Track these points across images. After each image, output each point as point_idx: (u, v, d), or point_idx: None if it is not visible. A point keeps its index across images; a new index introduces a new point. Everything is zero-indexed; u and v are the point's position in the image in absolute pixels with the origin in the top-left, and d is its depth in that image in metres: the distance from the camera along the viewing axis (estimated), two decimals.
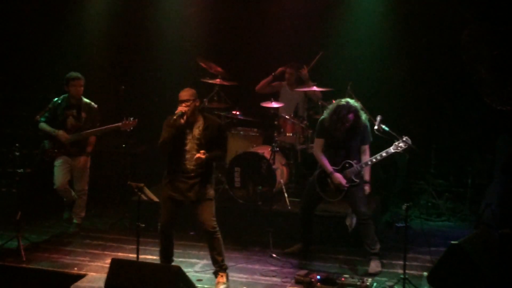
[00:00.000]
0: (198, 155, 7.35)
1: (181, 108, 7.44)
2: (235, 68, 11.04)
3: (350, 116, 7.96)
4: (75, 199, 9.32)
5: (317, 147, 8.31)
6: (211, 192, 7.67)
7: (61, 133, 9.03)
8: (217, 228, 7.63)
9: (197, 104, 7.61)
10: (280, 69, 10.53)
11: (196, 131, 7.56)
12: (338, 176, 8.08)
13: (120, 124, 9.07)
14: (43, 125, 9.12)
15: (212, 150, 7.46)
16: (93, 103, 9.23)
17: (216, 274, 7.67)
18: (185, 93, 7.54)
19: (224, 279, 7.62)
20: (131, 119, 9.08)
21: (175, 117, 7.38)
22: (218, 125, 7.71)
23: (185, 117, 7.44)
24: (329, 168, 8.14)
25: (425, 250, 8.64)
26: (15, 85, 11.70)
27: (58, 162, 9.15)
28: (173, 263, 7.81)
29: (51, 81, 11.24)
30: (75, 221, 9.38)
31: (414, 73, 10.75)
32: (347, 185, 8.06)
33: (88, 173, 9.37)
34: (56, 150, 9.11)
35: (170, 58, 11.50)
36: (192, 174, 7.53)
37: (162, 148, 7.57)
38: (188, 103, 7.47)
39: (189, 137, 7.55)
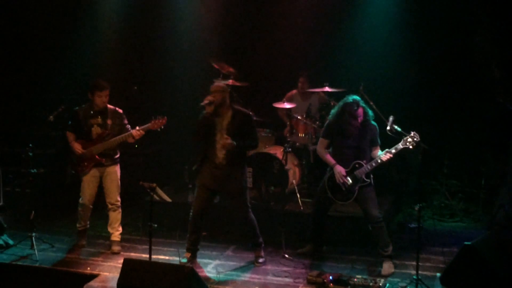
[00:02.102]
0: (224, 139, 7.81)
1: (209, 97, 7.88)
2: (247, 68, 11.05)
3: (360, 111, 7.97)
4: (87, 228, 9.01)
5: (320, 145, 8.33)
6: (244, 182, 8.15)
7: (76, 146, 8.69)
8: (252, 217, 8.23)
9: (227, 96, 8.00)
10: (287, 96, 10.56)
11: (225, 122, 7.96)
12: (339, 168, 8.09)
13: (150, 124, 8.55)
14: (67, 134, 8.83)
15: (241, 139, 7.89)
16: (117, 109, 8.81)
17: (254, 249, 8.47)
18: (215, 86, 8.05)
19: (260, 253, 8.41)
20: (160, 117, 8.55)
21: (203, 103, 7.85)
22: (245, 115, 8.12)
23: (212, 106, 7.85)
24: (332, 160, 8.16)
25: (438, 251, 8.62)
26: (28, 86, 11.75)
27: (86, 177, 8.72)
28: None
29: (64, 82, 11.30)
30: (114, 238, 8.86)
31: (426, 73, 10.72)
32: (346, 180, 8.06)
33: (119, 184, 8.83)
34: (85, 163, 8.70)
35: (183, 59, 11.50)
36: (224, 163, 7.94)
37: (195, 139, 8.21)
38: (217, 95, 7.89)
39: (219, 127, 7.95)
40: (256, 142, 8.26)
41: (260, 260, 8.33)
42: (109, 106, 8.76)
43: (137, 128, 8.60)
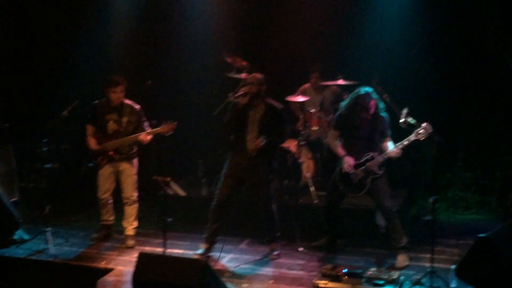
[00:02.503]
0: (257, 142, 7.88)
1: (245, 89, 7.99)
2: (260, 62, 11.02)
3: (372, 103, 7.95)
4: (111, 225, 9.03)
5: (331, 137, 8.33)
6: (269, 175, 8.18)
7: (91, 141, 8.70)
8: (275, 210, 8.24)
9: (263, 88, 8.06)
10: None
11: (257, 115, 8.03)
12: (348, 158, 8.08)
13: (159, 128, 8.57)
14: (86, 127, 8.82)
15: (272, 134, 7.96)
16: (135, 105, 8.77)
17: (269, 242, 8.46)
18: (252, 76, 8.12)
19: (276, 246, 8.42)
20: (170, 122, 8.55)
21: (238, 94, 7.99)
22: (277, 111, 8.16)
23: (247, 97, 7.94)
24: (342, 152, 8.15)
25: (453, 243, 8.59)
26: (42, 81, 11.78)
27: (102, 171, 8.75)
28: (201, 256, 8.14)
29: (78, 77, 11.32)
30: (129, 233, 8.89)
31: (441, 65, 10.65)
32: (352, 168, 8.06)
33: (135, 179, 8.83)
34: (100, 158, 8.72)
35: (196, 53, 11.49)
36: (254, 154, 8.00)
37: (226, 128, 8.17)
38: (252, 87, 7.97)
39: (251, 119, 8.01)
40: (284, 139, 8.53)
41: (276, 252, 8.35)
42: (126, 101, 8.74)
43: (146, 131, 8.62)
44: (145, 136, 8.59)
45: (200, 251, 8.21)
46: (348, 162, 8.06)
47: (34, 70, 11.77)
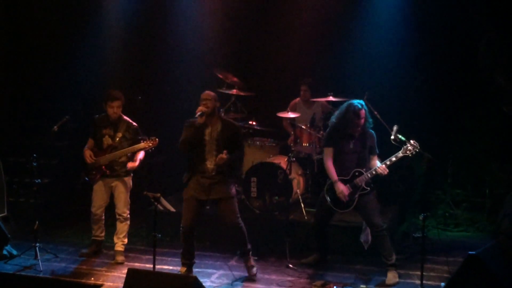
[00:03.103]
0: (220, 155, 7.71)
1: (201, 108, 7.83)
2: (251, 78, 11.07)
3: (362, 112, 7.97)
4: (102, 241, 9.00)
5: (327, 156, 8.27)
6: (232, 190, 8.02)
7: (86, 153, 8.68)
8: (241, 224, 8.03)
9: (217, 105, 8.02)
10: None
11: (214, 133, 7.91)
12: (341, 187, 8.05)
13: (141, 144, 8.56)
14: (88, 140, 8.84)
15: (230, 151, 7.80)
16: (132, 122, 8.78)
17: (243, 256, 8.28)
18: (206, 94, 7.97)
19: (251, 261, 8.21)
20: (152, 138, 8.55)
21: (196, 115, 7.79)
22: (234, 127, 8.09)
23: (204, 116, 7.80)
24: (335, 176, 8.11)
25: (443, 261, 8.58)
26: (33, 96, 11.78)
27: (96, 186, 8.74)
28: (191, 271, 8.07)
29: (69, 92, 11.31)
30: (118, 248, 8.81)
31: (431, 83, 10.71)
32: (346, 197, 8.04)
33: (128, 196, 8.81)
34: (94, 172, 8.71)
35: (187, 69, 11.52)
36: (213, 174, 7.89)
37: (182, 147, 7.95)
38: (208, 103, 7.85)
39: (208, 138, 7.90)
40: (243, 154, 8.56)
41: (254, 270, 8.17)
42: (124, 118, 8.78)
43: (126, 148, 8.62)
44: (132, 165, 8.68)
45: None
46: (343, 191, 8.05)
47: (25, 84, 11.77)
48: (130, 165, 8.71)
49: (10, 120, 11.56)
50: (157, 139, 8.54)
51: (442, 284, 7.71)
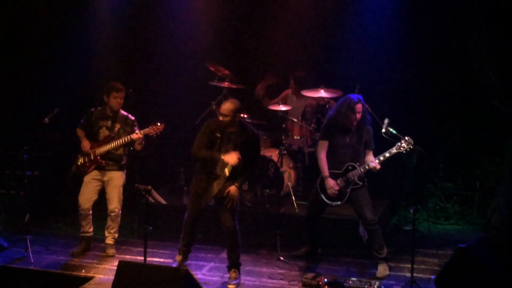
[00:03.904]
0: (230, 198, 7.70)
1: (219, 119, 7.76)
2: (243, 71, 11.05)
3: (359, 105, 7.99)
4: (91, 237, 8.87)
5: (321, 149, 8.30)
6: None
7: (85, 143, 8.66)
8: (237, 228, 7.85)
9: (237, 118, 7.79)
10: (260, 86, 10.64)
11: (231, 137, 7.79)
12: (331, 182, 8.10)
13: (147, 129, 8.46)
14: (77, 131, 8.79)
15: (246, 159, 7.71)
16: (129, 116, 8.78)
17: (229, 269, 7.91)
18: (226, 108, 7.73)
19: (236, 275, 7.85)
20: (158, 124, 8.47)
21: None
22: (253, 133, 7.94)
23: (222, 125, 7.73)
24: (326, 172, 8.15)
25: (433, 253, 8.63)
26: (23, 88, 11.72)
27: (87, 178, 8.67)
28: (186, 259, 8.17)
29: (60, 84, 11.27)
30: (109, 241, 8.79)
31: (422, 76, 10.70)
32: (336, 192, 8.07)
33: (121, 192, 8.76)
34: (87, 163, 8.67)
35: (178, 62, 11.47)
36: (223, 175, 7.81)
37: (197, 155, 7.88)
38: (226, 119, 7.68)
39: (226, 140, 7.79)
40: (257, 164, 8.31)
41: (234, 282, 7.85)
42: (122, 111, 8.78)
43: (137, 132, 8.55)
44: (137, 136, 8.49)
45: (175, 264, 8.11)
46: (333, 187, 8.08)
47: (15, 76, 11.70)
48: (135, 136, 8.51)
49: (1, 112, 11.50)
50: (163, 124, 8.47)
51: (433, 276, 7.74)
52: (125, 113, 8.81)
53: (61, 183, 10.09)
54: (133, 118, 8.81)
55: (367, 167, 8.02)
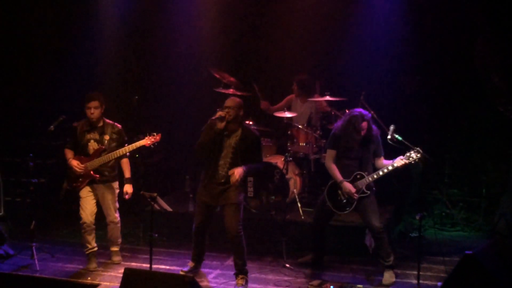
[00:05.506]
0: (233, 178, 7.67)
1: (221, 113, 7.73)
2: (248, 78, 11.06)
3: (364, 124, 7.98)
4: (95, 251, 8.68)
5: (329, 158, 8.29)
6: (240, 197, 7.89)
7: (74, 163, 8.43)
8: (241, 234, 7.85)
9: (240, 113, 7.82)
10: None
11: (233, 140, 7.82)
12: (348, 185, 8.07)
13: (142, 141, 8.33)
14: (65, 151, 8.62)
15: (246, 161, 7.75)
16: (116, 124, 8.58)
17: (236, 276, 7.92)
18: (230, 101, 7.84)
19: (243, 282, 7.84)
20: (154, 134, 8.35)
21: (214, 117, 7.70)
22: (255, 137, 7.94)
23: (224, 122, 7.70)
24: (339, 177, 8.13)
25: (439, 260, 8.61)
26: (29, 96, 11.75)
27: (83, 193, 8.49)
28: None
29: (65, 92, 11.28)
30: (114, 249, 8.77)
31: (427, 83, 10.71)
32: (356, 195, 8.04)
33: (116, 201, 8.65)
34: (81, 179, 8.47)
35: (184, 68, 11.50)
36: (223, 180, 7.82)
37: (198, 151, 7.90)
38: (231, 111, 7.72)
39: (226, 144, 7.81)
40: (262, 166, 8.26)
41: None
42: (107, 120, 8.59)
43: (127, 146, 8.42)
44: (129, 149, 8.42)
45: (186, 269, 8.15)
46: (350, 190, 8.07)
47: (21, 84, 11.74)
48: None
49: (6, 120, 11.53)
50: (159, 134, 8.37)
51: (439, 283, 7.72)
52: (110, 121, 8.61)
53: (66, 190, 10.10)
54: (119, 126, 8.61)
55: (375, 176, 7.98)
